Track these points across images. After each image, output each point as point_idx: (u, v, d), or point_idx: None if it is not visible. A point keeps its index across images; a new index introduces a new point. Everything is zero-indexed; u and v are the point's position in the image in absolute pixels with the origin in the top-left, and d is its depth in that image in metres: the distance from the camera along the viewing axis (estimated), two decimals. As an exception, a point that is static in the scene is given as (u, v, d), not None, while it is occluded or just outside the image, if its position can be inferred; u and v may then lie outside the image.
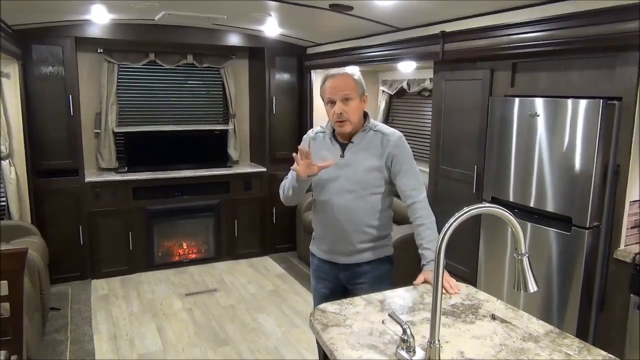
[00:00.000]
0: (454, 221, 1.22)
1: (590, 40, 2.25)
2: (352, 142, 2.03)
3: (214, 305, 3.92)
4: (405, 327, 1.31)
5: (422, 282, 1.87)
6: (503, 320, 1.57)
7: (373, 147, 2.02)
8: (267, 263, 4.93)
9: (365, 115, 2.07)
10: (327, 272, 2.15)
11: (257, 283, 4.39)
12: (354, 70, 2.07)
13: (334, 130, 2.07)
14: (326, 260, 2.13)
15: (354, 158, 2.02)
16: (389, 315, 1.42)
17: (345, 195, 2.01)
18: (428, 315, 1.57)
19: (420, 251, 1.94)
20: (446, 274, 1.83)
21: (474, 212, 1.26)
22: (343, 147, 2.05)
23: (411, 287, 1.85)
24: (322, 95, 2.05)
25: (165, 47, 4.70)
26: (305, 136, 2.19)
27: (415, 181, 2.01)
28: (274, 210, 5.06)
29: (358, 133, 2.03)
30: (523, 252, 1.29)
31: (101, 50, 4.48)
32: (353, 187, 2.00)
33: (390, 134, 2.03)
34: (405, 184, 1.99)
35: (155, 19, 3.96)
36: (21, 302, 1.96)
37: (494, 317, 1.59)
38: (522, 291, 1.30)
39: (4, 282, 1.90)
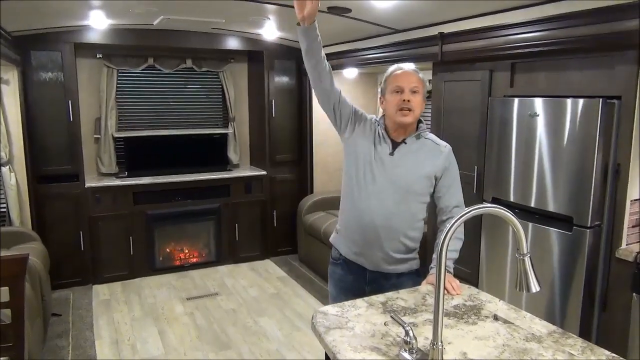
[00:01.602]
0: (456, 222, 1.23)
1: (588, 40, 2.25)
2: (405, 143, 1.92)
3: (215, 308, 3.91)
4: (407, 328, 1.31)
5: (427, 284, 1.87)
6: (505, 321, 1.56)
7: (426, 154, 1.92)
8: (268, 266, 4.93)
9: (419, 122, 1.98)
10: (351, 283, 2.01)
11: (259, 286, 4.39)
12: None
13: (385, 128, 1.97)
14: (352, 261, 2.00)
15: (404, 160, 1.91)
16: (391, 317, 1.42)
17: (387, 197, 1.89)
18: (430, 316, 1.57)
19: (434, 255, 1.90)
20: (449, 276, 1.83)
21: (475, 212, 1.26)
22: (394, 145, 1.93)
23: (413, 288, 1.85)
24: (385, 84, 1.94)
25: (164, 52, 4.71)
26: (369, 115, 2.04)
27: (458, 198, 1.95)
28: (274, 214, 5.06)
29: (411, 136, 1.93)
30: (525, 252, 1.29)
31: (100, 56, 4.49)
32: (397, 190, 1.88)
33: (442, 145, 1.96)
34: (448, 199, 1.93)
35: (154, 24, 3.96)
36: (22, 308, 1.95)
37: (496, 318, 1.59)
38: (524, 291, 1.30)
39: (5, 288, 1.90)
